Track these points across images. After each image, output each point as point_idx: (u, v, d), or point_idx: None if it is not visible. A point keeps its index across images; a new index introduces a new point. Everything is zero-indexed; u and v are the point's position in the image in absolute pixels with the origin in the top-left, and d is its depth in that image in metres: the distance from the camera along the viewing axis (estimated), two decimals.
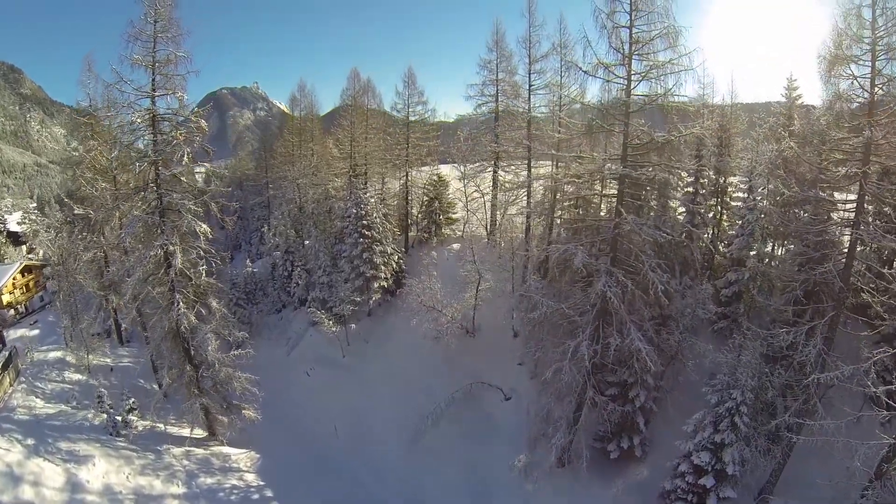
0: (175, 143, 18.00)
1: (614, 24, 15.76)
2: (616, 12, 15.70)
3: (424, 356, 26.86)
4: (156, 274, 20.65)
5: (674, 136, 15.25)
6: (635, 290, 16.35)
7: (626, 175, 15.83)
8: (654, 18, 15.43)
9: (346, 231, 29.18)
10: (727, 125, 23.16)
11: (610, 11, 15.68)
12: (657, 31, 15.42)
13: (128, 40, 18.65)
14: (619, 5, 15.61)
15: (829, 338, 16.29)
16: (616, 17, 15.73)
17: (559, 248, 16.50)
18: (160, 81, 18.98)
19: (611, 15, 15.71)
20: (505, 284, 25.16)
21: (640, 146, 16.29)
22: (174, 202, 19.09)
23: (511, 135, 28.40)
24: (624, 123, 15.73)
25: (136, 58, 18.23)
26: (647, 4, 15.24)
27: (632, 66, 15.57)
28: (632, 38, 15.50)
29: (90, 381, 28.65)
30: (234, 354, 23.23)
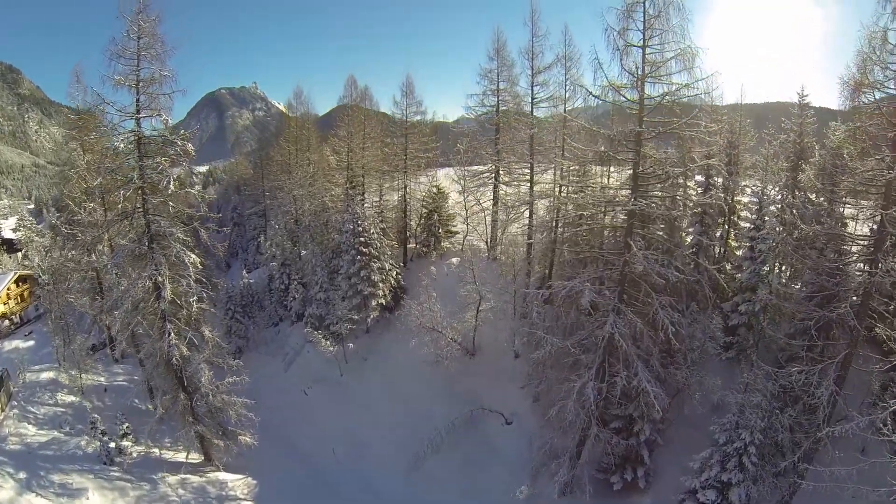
0: (161, 168, 16.68)
1: (626, 43, 14.55)
2: (628, 30, 14.47)
3: (424, 376, 25.82)
4: (145, 302, 19.45)
5: (689, 169, 14.10)
6: (644, 329, 15.29)
7: (637, 210, 14.66)
8: (668, 38, 14.23)
9: (344, 247, 27.99)
10: (736, 141, 22.04)
11: (622, 29, 14.44)
12: (672, 52, 14.22)
13: (110, 58, 17.35)
14: (632, 23, 14.39)
15: (842, 376, 15.54)
16: (628, 35, 14.50)
17: (565, 285, 15.38)
18: (144, 101, 17.67)
19: (623, 33, 14.48)
20: (506, 306, 24.06)
21: (651, 175, 15.15)
22: (162, 230, 17.82)
23: (513, 147, 27.16)
24: (635, 152, 14.55)
25: (118, 78, 16.89)
26: (662, 23, 14.02)
27: (644, 89, 14.35)
28: (645, 59, 14.29)
29: (83, 402, 27.55)
30: (229, 382, 22.12)
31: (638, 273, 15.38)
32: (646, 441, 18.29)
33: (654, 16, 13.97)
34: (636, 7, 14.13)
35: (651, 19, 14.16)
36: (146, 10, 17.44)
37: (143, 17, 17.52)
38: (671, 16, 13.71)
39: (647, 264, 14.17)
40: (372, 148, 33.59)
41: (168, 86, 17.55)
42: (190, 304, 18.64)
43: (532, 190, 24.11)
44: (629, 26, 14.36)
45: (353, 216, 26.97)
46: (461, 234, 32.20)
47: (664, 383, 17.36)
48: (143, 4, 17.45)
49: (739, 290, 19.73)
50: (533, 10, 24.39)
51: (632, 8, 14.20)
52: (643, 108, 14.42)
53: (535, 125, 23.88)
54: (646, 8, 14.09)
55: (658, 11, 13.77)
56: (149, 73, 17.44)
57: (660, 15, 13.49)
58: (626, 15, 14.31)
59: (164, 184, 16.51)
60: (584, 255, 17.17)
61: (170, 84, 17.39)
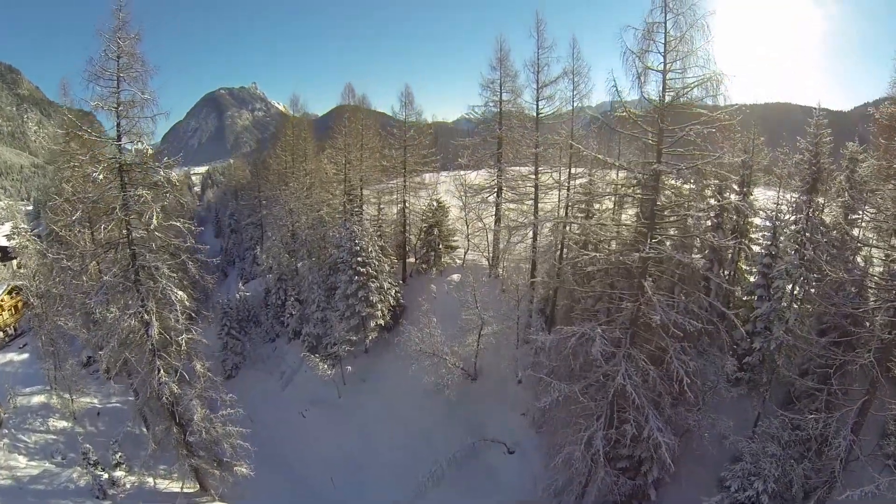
0: (143, 200, 15.12)
1: (645, 66, 13.08)
2: (648, 52, 12.99)
3: (424, 400, 24.45)
4: (134, 334, 17.96)
5: (704, 212, 12.71)
6: (657, 378, 13.97)
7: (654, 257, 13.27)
8: (691, 62, 12.77)
9: (341, 265, 26.50)
10: (749, 161, 20.63)
11: (640, 51, 12.97)
12: (694, 77, 12.77)
13: (88, 80, 15.73)
14: (652, 45, 12.90)
15: (860, 423, 14.62)
16: (648, 58, 13.03)
17: (574, 331, 14.00)
18: (125, 126, 16.05)
19: (641, 55, 13.00)
20: (509, 331, 22.68)
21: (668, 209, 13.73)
22: (148, 264, 16.27)
23: (517, 161, 25.64)
24: (652, 189, 13.11)
25: (96, 102, 15.28)
26: (685, 45, 12.54)
27: (664, 119, 12.89)
28: (665, 85, 12.82)
29: (76, 428, 26.15)
30: (224, 414, 20.72)
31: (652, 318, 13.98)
32: (653, 481, 17.21)
33: (677, 38, 12.48)
34: (657, 28, 12.65)
35: (672, 41, 12.68)
36: (125, 28, 15.81)
37: (123, 35, 15.88)
38: (695, 38, 12.24)
39: (663, 314, 12.79)
40: (370, 159, 32.03)
41: (149, 109, 15.94)
42: (179, 344, 17.11)
43: (536, 211, 22.62)
44: (649, 48, 12.88)
45: (350, 234, 25.47)
46: (462, 248, 30.75)
47: (674, 424, 16.23)
48: (121, 21, 15.81)
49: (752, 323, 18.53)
50: (538, 20, 22.59)
51: (652, 29, 12.72)
52: (662, 139, 12.95)
53: (539, 144, 22.29)
54: (667, 29, 12.59)
55: (681, 33, 12.28)
56: (129, 95, 15.82)
57: (683, 37, 11.97)
58: (646, 36, 12.84)
59: (147, 217, 14.90)
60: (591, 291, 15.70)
61: (151, 107, 15.75)
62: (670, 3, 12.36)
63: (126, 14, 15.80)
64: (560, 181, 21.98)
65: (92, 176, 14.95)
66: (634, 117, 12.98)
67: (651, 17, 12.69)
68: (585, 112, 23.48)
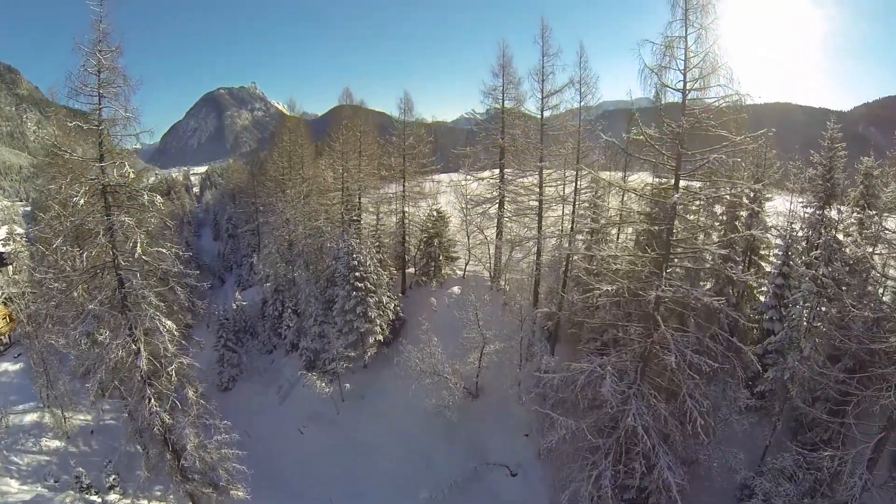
0: (126, 226, 13.94)
1: (663, 84, 11.95)
2: (666, 69, 11.85)
3: (424, 418, 23.40)
4: (122, 365, 16.82)
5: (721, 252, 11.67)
6: (669, 418, 12.96)
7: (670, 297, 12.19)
8: (711, 81, 11.64)
9: (338, 279, 25.36)
10: (761, 177, 19.56)
11: (658, 68, 11.83)
12: (714, 98, 11.65)
13: (68, 96, 14.54)
14: (671, 60, 11.76)
15: (875, 459, 13.81)
16: (666, 75, 11.89)
17: (583, 368, 12.96)
18: (107, 145, 14.83)
19: (659, 72, 11.86)
20: (512, 351, 21.61)
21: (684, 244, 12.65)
22: (134, 292, 15.10)
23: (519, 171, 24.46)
24: (668, 226, 11.99)
25: (75, 123, 14.07)
26: (707, 63, 11.40)
27: (683, 143, 11.78)
28: (685, 106, 11.70)
29: (69, 447, 25.02)
30: (219, 440, 19.65)
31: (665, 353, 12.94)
32: None
33: (699, 54, 11.35)
34: (677, 43, 11.51)
35: (693, 58, 11.55)
36: (106, 40, 14.56)
37: (103, 48, 14.64)
38: (718, 55, 11.11)
39: (678, 355, 11.75)
40: (368, 166, 30.83)
41: (132, 127, 14.72)
42: (170, 374, 16.00)
43: (540, 226, 21.47)
44: (669, 64, 11.74)
45: (347, 248, 24.31)
46: (463, 259, 29.63)
47: (683, 456, 15.27)
48: (102, 33, 14.56)
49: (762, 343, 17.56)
50: (543, 26, 21.13)
51: (671, 44, 11.58)
52: (680, 165, 11.83)
53: (544, 157, 21.08)
54: (687, 45, 11.46)
55: (704, 51, 11.14)
56: (111, 112, 14.61)
57: (706, 56, 10.84)
58: (666, 52, 11.69)
59: (131, 244, 13.73)
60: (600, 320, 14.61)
61: (134, 125, 14.54)
62: (691, 15, 11.22)
63: (107, 25, 14.58)
64: (565, 196, 20.86)
65: (72, 200, 13.71)
66: (651, 140, 11.85)
67: (670, 30, 11.56)
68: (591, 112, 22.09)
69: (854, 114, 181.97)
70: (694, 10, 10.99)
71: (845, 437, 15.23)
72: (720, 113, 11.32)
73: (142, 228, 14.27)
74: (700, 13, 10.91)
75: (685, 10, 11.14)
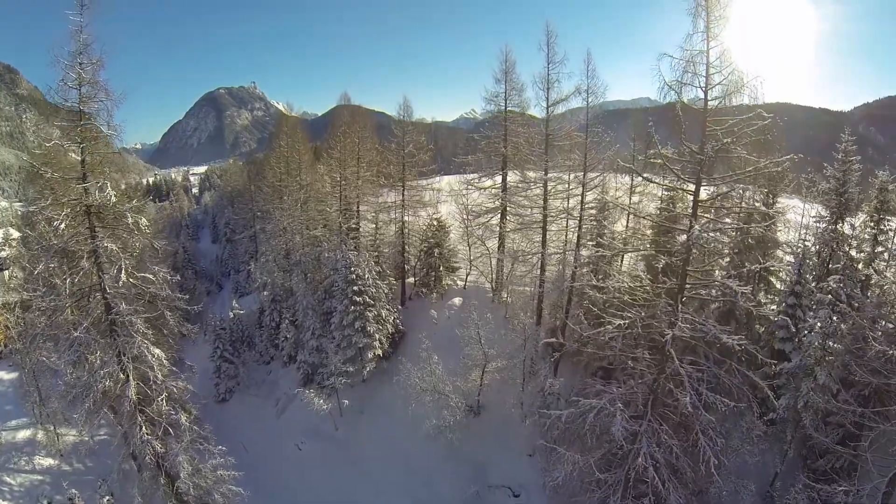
0: (110, 252, 12.93)
1: (683, 102, 10.95)
2: (687, 85, 10.84)
3: (424, 436, 22.47)
4: (111, 393, 15.85)
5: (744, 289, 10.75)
6: (681, 455, 12.06)
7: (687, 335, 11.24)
8: (734, 101, 10.66)
9: (336, 292, 24.38)
10: (774, 189, 18.63)
11: (678, 84, 10.83)
12: (737, 120, 10.66)
13: (48, 115, 13.47)
14: (693, 77, 10.74)
15: (889, 493, 13.22)
16: (687, 92, 10.90)
17: (592, 406, 12.05)
18: (90, 164, 13.79)
19: (679, 88, 10.87)
20: (515, 371, 20.69)
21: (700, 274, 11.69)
22: (122, 319, 14.10)
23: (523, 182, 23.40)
24: (685, 257, 11.03)
25: (54, 142, 13.02)
26: (734, 81, 10.40)
27: (703, 168, 10.81)
28: (706, 129, 10.71)
29: (63, 466, 24.10)
30: (213, 464, 18.70)
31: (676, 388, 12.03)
32: None
33: (721, 70, 10.37)
34: (698, 58, 10.52)
35: (714, 74, 10.57)
36: (87, 52, 13.49)
37: (84, 60, 13.58)
38: (743, 73, 10.12)
39: (693, 394, 10.85)
40: (367, 172, 29.78)
41: (116, 143, 13.67)
42: (160, 404, 15.03)
43: (544, 241, 20.46)
44: (688, 80, 10.74)
45: (346, 261, 23.32)
46: (464, 268, 28.63)
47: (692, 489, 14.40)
48: (82, 45, 13.49)
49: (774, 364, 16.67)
50: (549, 32, 19.95)
51: (692, 58, 10.58)
52: (699, 192, 10.84)
53: (549, 169, 20.05)
54: (709, 60, 10.47)
55: (727, 66, 10.14)
56: (92, 129, 13.54)
57: (731, 75, 9.85)
58: (685, 66, 10.69)
59: (116, 271, 12.72)
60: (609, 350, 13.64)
61: (117, 142, 13.50)
62: (714, 28, 10.23)
63: (87, 36, 13.51)
64: (569, 209, 19.87)
65: (54, 224, 12.68)
66: (669, 164, 10.88)
67: (690, 43, 10.55)
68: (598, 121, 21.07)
69: (854, 114, 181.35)
70: (717, 22, 10.02)
71: (859, 467, 14.51)
72: (743, 134, 10.37)
73: (127, 253, 13.23)
74: (724, 26, 9.93)
75: (707, 22, 10.15)
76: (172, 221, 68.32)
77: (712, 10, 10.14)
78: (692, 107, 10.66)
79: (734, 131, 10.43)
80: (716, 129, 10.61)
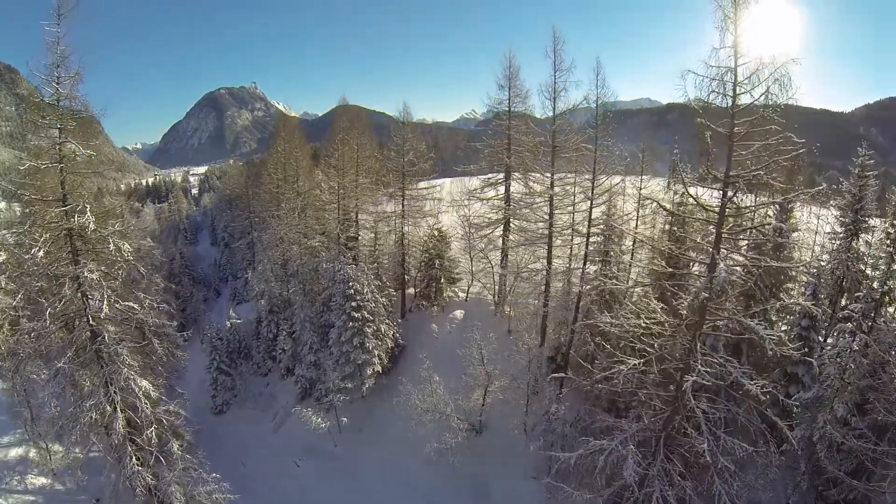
0: (90, 280, 11.90)
1: (708, 125, 9.93)
2: (713, 106, 9.81)
3: (425, 455, 21.61)
4: (97, 425, 14.88)
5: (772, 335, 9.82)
6: (695, 498, 11.17)
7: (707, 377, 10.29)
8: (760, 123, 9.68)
9: (334, 307, 23.37)
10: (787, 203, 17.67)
11: (702, 105, 9.80)
12: (763, 144, 9.68)
13: (24, 133, 12.42)
14: (720, 97, 9.70)
15: None
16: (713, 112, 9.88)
17: (602, 447, 11.13)
18: (70, 185, 12.74)
19: (704, 106, 9.83)
20: (518, 392, 19.75)
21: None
22: (106, 349, 13.08)
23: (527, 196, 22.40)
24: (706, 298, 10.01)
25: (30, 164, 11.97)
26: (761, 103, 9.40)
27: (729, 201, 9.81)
28: (732, 154, 9.72)
29: (56, 485, 23.00)
30: (207, 491, 17.73)
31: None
32: None
33: (750, 90, 9.37)
34: (726, 76, 9.51)
35: (742, 94, 9.58)
36: (65, 65, 12.42)
37: (62, 73, 12.50)
38: (776, 94, 9.13)
39: (710, 439, 9.92)
40: (366, 181, 28.77)
41: (96, 162, 12.61)
42: (150, 434, 14.05)
43: (550, 258, 19.47)
44: (714, 101, 9.72)
45: (343, 276, 22.32)
46: (465, 279, 27.66)
47: None
48: (59, 57, 12.41)
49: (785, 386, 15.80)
50: (555, 38, 18.79)
51: (720, 76, 9.57)
52: (723, 219, 9.84)
53: (555, 177, 19.03)
54: (737, 79, 9.48)
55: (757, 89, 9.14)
56: (70, 147, 12.47)
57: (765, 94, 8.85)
58: (710, 84, 9.66)
59: (97, 301, 11.71)
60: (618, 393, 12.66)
61: (96, 162, 12.43)
62: (741, 44, 9.23)
63: (65, 48, 12.43)
64: (575, 225, 18.90)
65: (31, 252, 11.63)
66: (698, 201, 9.84)
67: (716, 59, 9.52)
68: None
69: (854, 115, 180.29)
70: (745, 37, 9.02)
71: (872, 500, 13.71)
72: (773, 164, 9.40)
73: (111, 280, 12.19)
74: (754, 42, 8.94)
75: (735, 36, 9.16)
76: (170, 224, 67.08)
77: (740, 24, 9.14)
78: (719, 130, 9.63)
79: (763, 157, 9.47)
80: (742, 154, 9.66)
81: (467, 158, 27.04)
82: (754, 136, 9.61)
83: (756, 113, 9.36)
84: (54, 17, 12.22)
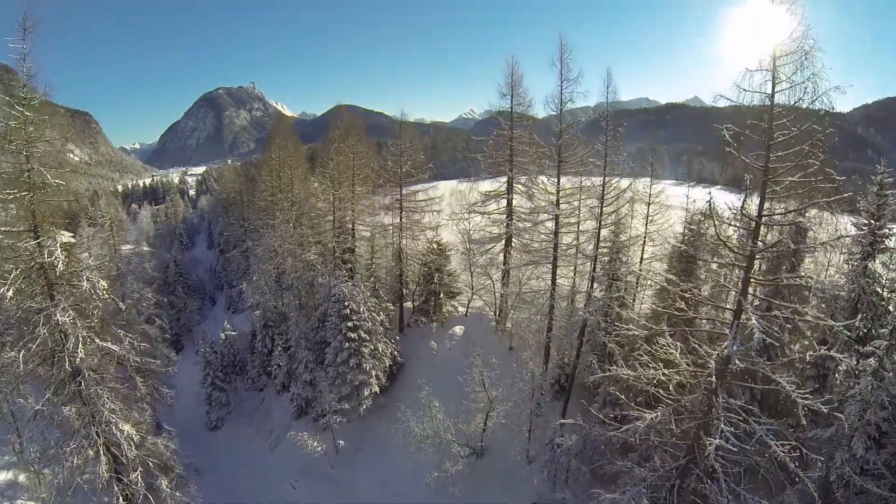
0: (62, 323, 10.76)
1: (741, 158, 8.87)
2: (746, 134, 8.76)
3: (425, 478, 20.62)
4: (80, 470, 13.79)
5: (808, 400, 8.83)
6: None
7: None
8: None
9: (330, 327, 22.27)
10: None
11: (734, 135, 8.73)
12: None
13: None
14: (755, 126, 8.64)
15: None
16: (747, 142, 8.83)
17: (614, 501, 10.15)
18: (41, 216, 11.53)
19: (735, 136, 8.77)
20: (521, 418, 18.76)
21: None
22: (86, 392, 11.94)
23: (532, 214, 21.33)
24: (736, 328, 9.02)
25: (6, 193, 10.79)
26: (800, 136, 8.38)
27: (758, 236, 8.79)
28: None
29: None
30: None
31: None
32: None
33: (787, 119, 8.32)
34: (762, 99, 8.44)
35: (778, 124, 8.53)
36: (30, 85, 11.21)
37: (28, 93, 11.29)
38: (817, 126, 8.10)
39: (730, 497, 8.94)
40: (362, 189, 27.62)
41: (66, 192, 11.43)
42: (136, 477, 12.95)
43: (554, 280, 18.41)
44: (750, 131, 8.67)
45: (339, 296, 21.21)
46: (465, 294, 26.60)
47: None
48: (26, 76, 11.20)
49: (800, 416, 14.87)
50: (563, 46, 17.58)
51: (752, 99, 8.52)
52: (752, 267, 8.82)
53: (559, 202, 17.94)
54: (773, 108, 8.42)
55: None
56: (41, 176, 11.27)
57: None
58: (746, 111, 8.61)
59: (72, 345, 10.57)
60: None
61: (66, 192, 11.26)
62: (782, 71, 8.15)
63: (31, 66, 11.21)
64: (579, 245, 17.87)
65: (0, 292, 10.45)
66: (727, 243, 8.79)
67: (749, 82, 8.44)
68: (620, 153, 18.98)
69: (854, 115, 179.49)
70: (786, 64, 7.98)
71: None
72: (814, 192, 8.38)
73: (85, 320, 11.04)
74: (794, 68, 7.90)
75: (774, 60, 8.09)
76: (167, 229, 65.59)
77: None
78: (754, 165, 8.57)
79: (799, 194, 8.46)
80: (775, 189, 8.63)
81: (466, 162, 25.88)
82: (790, 172, 8.57)
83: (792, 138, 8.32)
84: (19, 32, 11.00)
